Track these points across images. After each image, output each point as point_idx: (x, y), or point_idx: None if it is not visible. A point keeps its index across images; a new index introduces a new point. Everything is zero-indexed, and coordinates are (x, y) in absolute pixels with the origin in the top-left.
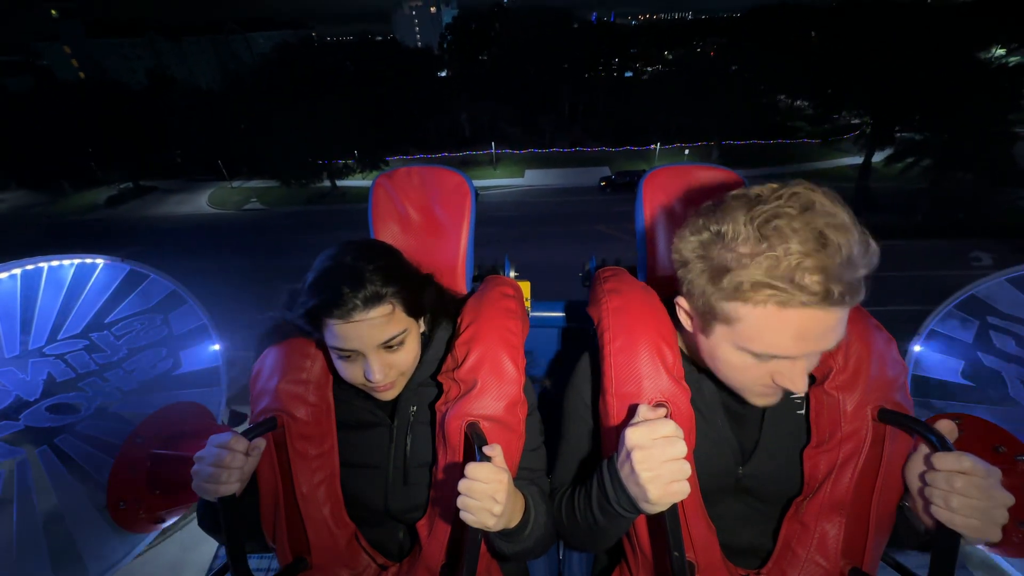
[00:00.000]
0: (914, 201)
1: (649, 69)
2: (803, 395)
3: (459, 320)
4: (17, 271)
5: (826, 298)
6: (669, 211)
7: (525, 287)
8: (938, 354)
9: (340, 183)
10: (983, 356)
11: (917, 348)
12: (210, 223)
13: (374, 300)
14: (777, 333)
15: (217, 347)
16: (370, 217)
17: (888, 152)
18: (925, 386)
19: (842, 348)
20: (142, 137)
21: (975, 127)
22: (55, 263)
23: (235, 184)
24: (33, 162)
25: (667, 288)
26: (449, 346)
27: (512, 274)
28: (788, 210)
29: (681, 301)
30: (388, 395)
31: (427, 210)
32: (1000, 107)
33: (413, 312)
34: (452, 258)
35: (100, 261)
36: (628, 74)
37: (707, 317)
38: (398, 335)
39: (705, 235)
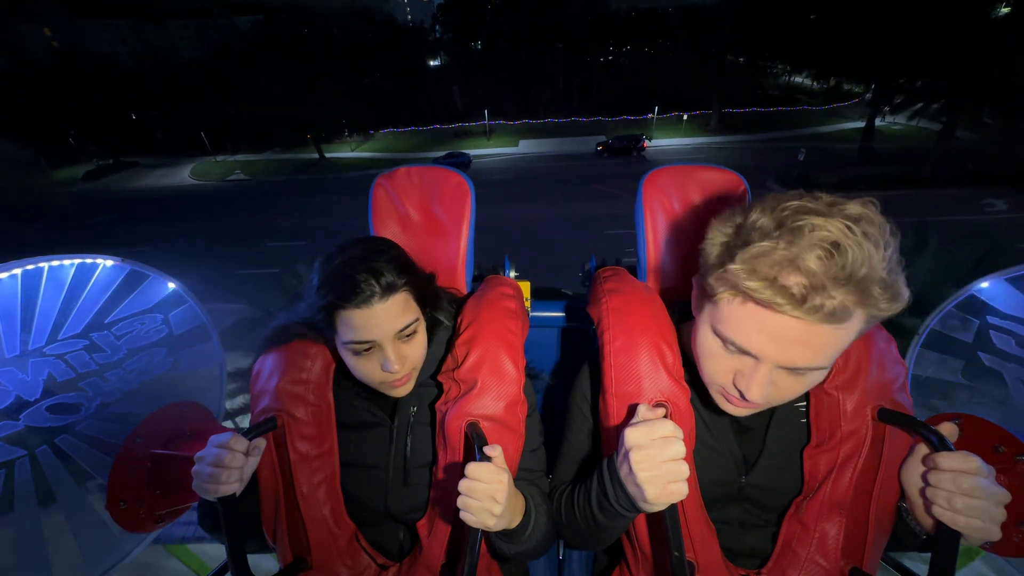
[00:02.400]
0: (921, 157)
1: (645, 51)
2: (804, 403)
3: (459, 320)
4: (18, 271)
5: (801, 304)
6: (669, 211)
7: (525, 287)
8: (938, 354)
9: (329, 154)
10: (983, 356)
11: (917, 347)
12: (189, 193)
13: (391, 289)
14: (748, 323)
15: (214, 335)
16: (370, 217)
17: (892, 115)
18: (925, 386)
19: None
20: (123, 113)
21: (987, 80)
22: (55, 263)
23: (219, 158)
24: (7, 139)
25: (667, 288)
26: (449, 346)
27: (512, 274)
28: (821, 208)
29: (694, 285)
30: (402, 390)
31: (427, 210)
32: (1014, 56)
33: (422, 303)
34: (452, 258)
35: (101, 261)
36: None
37: (700, 297)
38: (412, 323)
39: (737, 219)
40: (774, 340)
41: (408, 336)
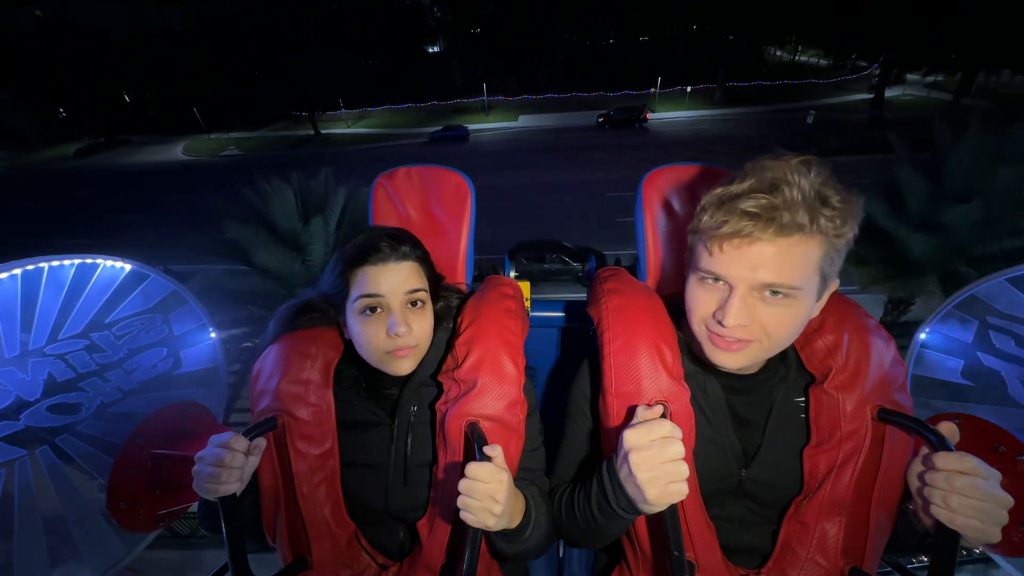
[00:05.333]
0: (932, 123)
1: (647, 32)
2: (804, 398)
3: (459, 320)
4: (18, 271)
5: (757, 221)
6: (669, 211)
7: (525, 287)
8: (938, 354)
9: (325, 130)
10: (983, 356)
11: (917, 348)
12: (182, 168)
13: (405, 257)
14: (720, 254)
15: (214, 335)
16: (370, 218)
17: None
18: (925, 386)
19: (841, 348)
20: (115, 92)
21: (1002, 44)
22: (56, 263)
23: (213, 136)
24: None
25: (667, 288)
26: (449, 346)
27: (512, 274)
28: (779, 160)
29: (686, 262)
30: (404, 365)
31: (427, 210)
32: None
33: (431, 285)
34: (452, 258)
35: (101, 261)
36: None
37: (687, 261)
38: (421, 289)
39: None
40: (741, 261)
41: (415, 305)
